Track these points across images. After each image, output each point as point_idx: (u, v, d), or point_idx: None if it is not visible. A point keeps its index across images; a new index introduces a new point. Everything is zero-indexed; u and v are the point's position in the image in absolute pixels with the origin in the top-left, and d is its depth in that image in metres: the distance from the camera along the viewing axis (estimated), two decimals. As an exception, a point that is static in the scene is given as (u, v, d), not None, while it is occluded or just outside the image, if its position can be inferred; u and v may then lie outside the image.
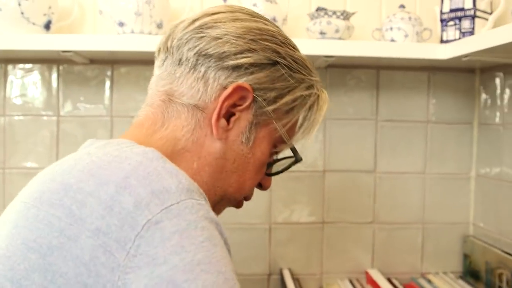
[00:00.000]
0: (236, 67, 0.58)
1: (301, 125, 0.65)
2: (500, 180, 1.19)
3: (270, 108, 0.61)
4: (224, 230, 0.48)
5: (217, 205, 0.64)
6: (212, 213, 0.47)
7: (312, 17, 1.13)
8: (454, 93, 1.29)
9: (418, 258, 1.30)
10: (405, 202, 1.29)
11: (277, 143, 0.65)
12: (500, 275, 1.14)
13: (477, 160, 1.29)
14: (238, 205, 0.69)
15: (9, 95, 1.21)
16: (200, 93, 0.58)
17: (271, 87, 0.60)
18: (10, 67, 1.21)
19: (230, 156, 0.60)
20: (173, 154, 0.58)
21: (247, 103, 0.59)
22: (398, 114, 1.28)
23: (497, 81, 1.21)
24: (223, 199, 0.63)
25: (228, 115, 0.60)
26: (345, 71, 1.26)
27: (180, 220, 0.43)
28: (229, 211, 1.22)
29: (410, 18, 1.13)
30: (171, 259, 0.41)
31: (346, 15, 1.11)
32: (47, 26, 1.08)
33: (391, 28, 1.14)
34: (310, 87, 0.64)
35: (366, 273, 1.27)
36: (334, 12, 1.10)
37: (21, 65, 1.21)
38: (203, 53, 0.58)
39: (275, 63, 0.60)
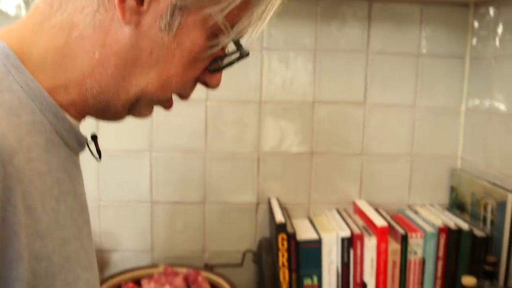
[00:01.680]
0: None
1: (250, 6, 0.49)
2: (490, 113, 1.19)
3: None
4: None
5: (137, 106, 0.53)
6: None
7: None
8: (447, 27, 1.27)
9: (405, 190, 1.31)
10: (394, 134, 1.29)
11: (217, 33, 0.50)
12: (485, 205, 1.15)
13: (467, 94, 1.28)
14: (167, 105, 0.56)
15: None
16: None
17: None
18: None
19: (145, 46, 0.48)
20: (67, 45, 0.47)
21: None
22: (389, 46, 1.27)
23: (491, 15, 1.20)
24: (141, 98, 0.52)
25: None
26: (337, 3, 1.24)
27: None
28: (217, 141, 1.25)
29: None
30: None
31: None
32: None
33: (383, -46, 1.12)
34: None
35: (354, 203, 1.29)
36: None
37: None
38: None
39: None
